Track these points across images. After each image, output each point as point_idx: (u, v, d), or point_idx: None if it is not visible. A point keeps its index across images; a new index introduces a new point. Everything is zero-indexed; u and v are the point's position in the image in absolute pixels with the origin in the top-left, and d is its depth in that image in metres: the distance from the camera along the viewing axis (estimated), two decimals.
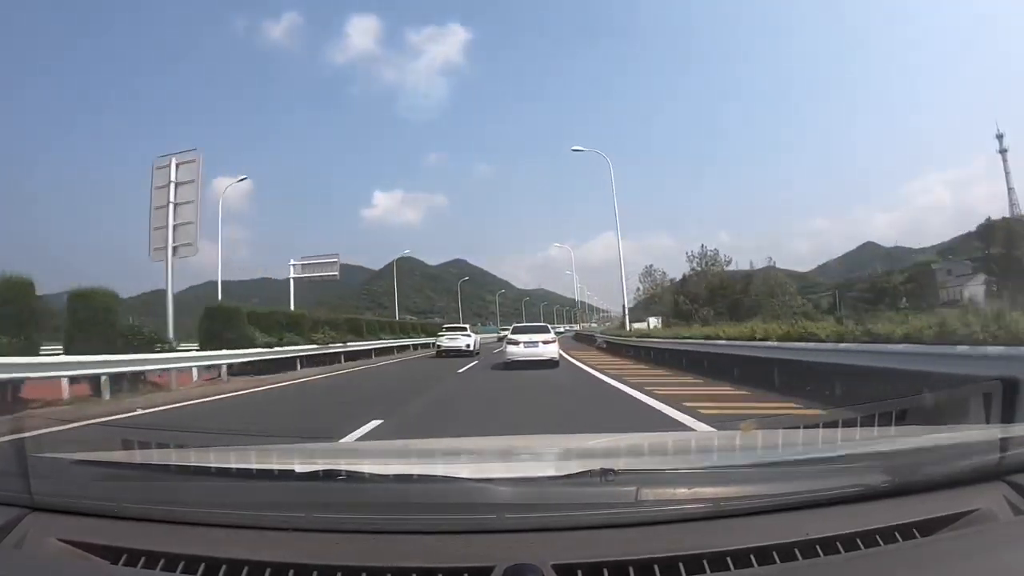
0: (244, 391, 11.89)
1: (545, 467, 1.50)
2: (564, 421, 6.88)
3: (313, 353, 19.95)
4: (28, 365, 9.94)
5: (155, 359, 12.68)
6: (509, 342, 16.20)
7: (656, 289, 48.86)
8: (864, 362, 6.95)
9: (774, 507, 1.03)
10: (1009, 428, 1.41)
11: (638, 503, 1.01)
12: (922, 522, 1.00)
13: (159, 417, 8.49)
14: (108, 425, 6.55)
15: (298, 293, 30.82)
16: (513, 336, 16.32)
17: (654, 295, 47.89)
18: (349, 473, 1.13)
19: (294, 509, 1.05)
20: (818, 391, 7.76)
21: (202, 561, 0.96)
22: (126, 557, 1.00)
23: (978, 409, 1.64)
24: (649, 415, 6.92)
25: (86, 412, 8.36)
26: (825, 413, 4.79)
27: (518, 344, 15.68)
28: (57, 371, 10.39)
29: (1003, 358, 5.02)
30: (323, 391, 12.54)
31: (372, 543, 0.98)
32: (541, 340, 15.69)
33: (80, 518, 1.10)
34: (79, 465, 1.33)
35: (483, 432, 5.96)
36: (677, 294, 43.13)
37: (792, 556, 0.93)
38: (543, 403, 8.82)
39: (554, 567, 0.89)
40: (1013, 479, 1.09)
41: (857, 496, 1.05)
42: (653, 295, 48.17)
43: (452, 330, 27.88)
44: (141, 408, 9.32)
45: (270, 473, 1.31)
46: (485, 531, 0.98)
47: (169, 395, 11.24)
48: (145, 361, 12.25)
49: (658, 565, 0.91)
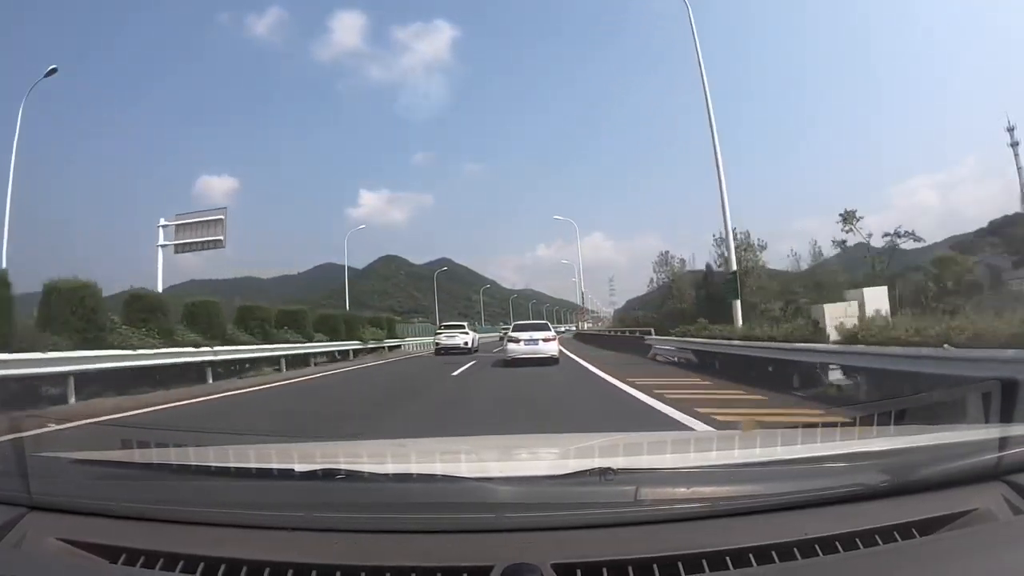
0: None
1: (544, 466, 1.50)
2: None
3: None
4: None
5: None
6: (510, 340, 16.60)
7: (675, 279, 40.45)
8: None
9: (773, 506, 1.03)
10: (1008, 428, 1.41)
11: (637, 502, 1.01)
12: (921, 522, 1.00)
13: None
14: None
15: (262, 292, 29.78)
16: (514, 334, 16.70)
17: (674, 287, 39.88)
18: (348, 472, 1.13)
19: (293, 508, 1.05)
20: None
21: (201, 560, 0.96)
22: (125, 556, 1.00)
23: (977, 409, 1.64)
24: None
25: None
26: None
27: (519, 342, 16.11)
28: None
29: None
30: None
31: (371, 542, 0.98)
32: (541, 338, 16.10)
33: (79, 517, 1.10)
34: (78, 464, 1.33)
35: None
36: (699, 287, 35.08)
37: (791, 556, 0.93)
38: None
39: (553, 566, 0.89)
40: (1012, 479, 1.10)
41: (856, 496, 1.05)
42: (672, 287, 40.11)
43: (450, 328, 27.70)
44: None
45: (269, 472, 1.31)
46: (484, 530, 0.98)
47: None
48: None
49: (657, 564, 0.91)
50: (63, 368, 10.03)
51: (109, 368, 11.10)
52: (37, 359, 9.69)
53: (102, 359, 10.97)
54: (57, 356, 10.04)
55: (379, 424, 7.09)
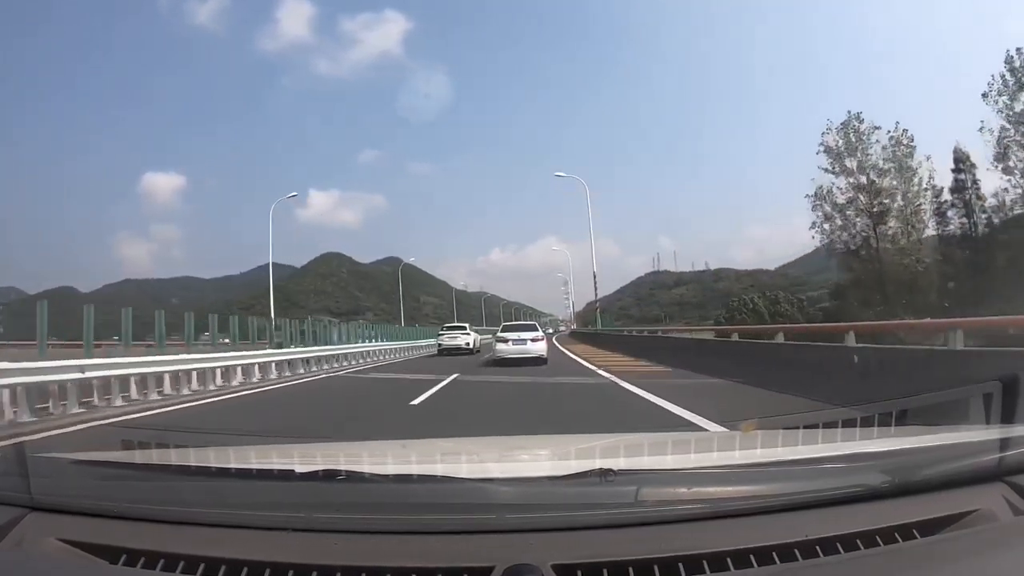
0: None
1: (545, 467, 1.50)
2: None
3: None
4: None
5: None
6: (499, 340, 16.79)
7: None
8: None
9: (774, 507, 1.03)
10: (1009, 429, 1.41)
11: (638, 503, 1.01)
12: (922, 522, 1.00)
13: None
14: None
15: (201, 293, 28.85)
16: (502, 334, 16.90)
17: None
18: (349, 473, 1.13)
19: (294, 509, 1.05)
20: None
21: (202, 561, 0.96)
22: (126, 557, 1.00)
23: (978, 410, 1.64)
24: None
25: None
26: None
27: (507, 342, 16.31)
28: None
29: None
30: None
31: (372, 543, 0.98)
32: (530, 338, 16.31)
33: (80, 518, 1.10)
34: (79, 465, 1.33)
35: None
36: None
37: (792, 556, 0.93)
38: None
39: (553, 567, 0.89)
40: (1013, 480, 1.10)
41: (857, 496, 1.05)
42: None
43: (452, 329, 28.27)
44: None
45: (270, 473, 1.32)
46: (485, 531, 0.98)
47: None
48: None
49: (658, 565, 0.91)
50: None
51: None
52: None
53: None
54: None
55: None
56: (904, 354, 6.77)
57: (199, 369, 11.05)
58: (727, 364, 10.04)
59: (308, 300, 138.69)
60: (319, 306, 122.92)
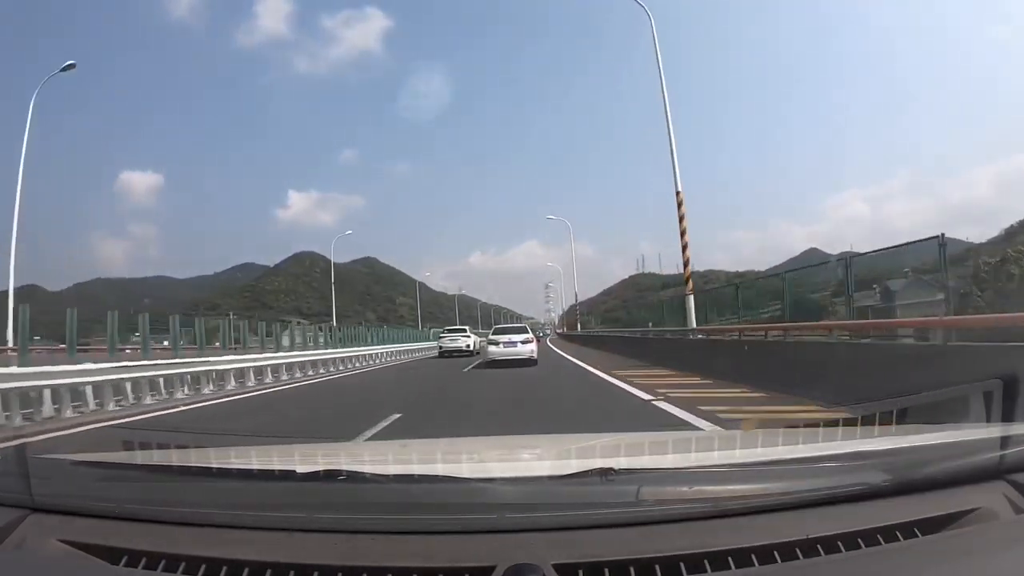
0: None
1: (545, 467, 1.50)
2: None
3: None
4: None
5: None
6: (490, 342, 17.00)
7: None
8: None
9: (775, 506, 1.03)
10: (1010, 427, 1.41)
11: (639, 502, 1.01)
12: (923, 521, 1.00)
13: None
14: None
15: (175, 293, 28.09)
16: (493, 337, 17.18)
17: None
18: (350, 473, 1.13)
19: (295, 509, 1.05)
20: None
21: (203, 562, 0.96)
22: (127, 558, 1.00)
23: (979, 408, 1.64)
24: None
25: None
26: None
27: (498, 344, 16.52)
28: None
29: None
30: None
31: (373, 543, 0.98)
32: (520, 340, 16.51)
33: (81, 519, 1.10)
34: (80, 466, 1.33)
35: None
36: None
37: (793, 555, 0.93)
38: None
39: (555, 567, 0.89)
40: (1014, 478, 1.09)
41: (858, 495, 1.05)
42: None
43: (453, 332, 29.11)
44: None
45: (271, 473, 1.31)
46: (486, 531, 0.98)
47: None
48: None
49: (659, 565, 0.91)
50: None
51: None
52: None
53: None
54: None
55: None
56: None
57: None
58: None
59: (278, 300, 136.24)
60: (289, 307, 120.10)
